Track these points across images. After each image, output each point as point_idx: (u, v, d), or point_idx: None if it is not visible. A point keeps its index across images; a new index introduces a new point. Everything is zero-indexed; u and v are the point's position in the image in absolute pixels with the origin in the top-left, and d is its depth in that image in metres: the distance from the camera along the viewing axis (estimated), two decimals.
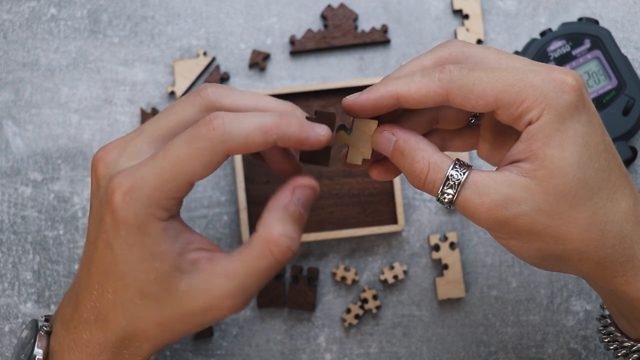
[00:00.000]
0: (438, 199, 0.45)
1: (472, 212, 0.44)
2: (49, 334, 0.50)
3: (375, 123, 0.47)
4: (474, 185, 0.44)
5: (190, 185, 0.45)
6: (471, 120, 0.49)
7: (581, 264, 0.44)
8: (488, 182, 0.44)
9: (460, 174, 0.44)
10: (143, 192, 0.44)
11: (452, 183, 0.44)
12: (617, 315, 0.49)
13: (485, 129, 0.49)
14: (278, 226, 0.45)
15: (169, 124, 0.47)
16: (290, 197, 0.47)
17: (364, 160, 0.49)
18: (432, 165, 0.45)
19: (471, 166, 0.45)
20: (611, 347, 0.51)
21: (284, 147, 0.46)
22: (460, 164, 0.45)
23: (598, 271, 0.45)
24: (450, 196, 0.45)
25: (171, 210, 0.45)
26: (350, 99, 0.46)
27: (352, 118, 0.47)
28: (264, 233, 0.45)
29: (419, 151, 0.45)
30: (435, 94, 0.44)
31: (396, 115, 0.50)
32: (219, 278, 0.45)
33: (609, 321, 0.51)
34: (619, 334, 0.50)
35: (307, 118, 0.47)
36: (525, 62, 0.45)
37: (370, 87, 0.46)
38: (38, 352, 0.49)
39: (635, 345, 0.49)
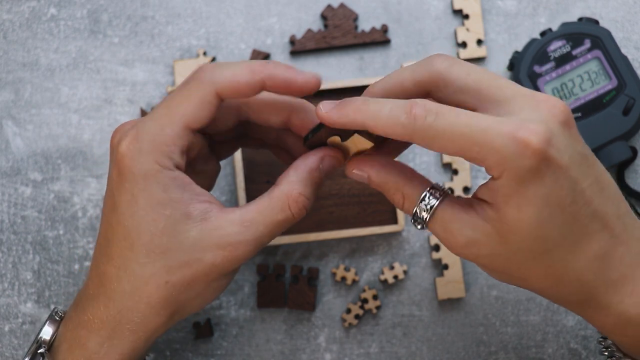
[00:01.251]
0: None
1: (440, 240, 0.46)
2: (62, 318, 0.50)
3: (370, 145, 0.48)
4: (440, 221, 0.46)
5: (190, 132, 0.46)
6: None
7: (545, 298, 0.47)
8: (453, 221, 0.45)
9: (428, 209, 0.46)
10: (145, 140, 0.45)
11: (420, 217, 0.46)
12: None
13: None
14: (300, 186, 0.48)
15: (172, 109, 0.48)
16: (318, 163, 0.49)
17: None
18: (406, 196, 0.47)
19: (446, 194, 0.46)
20: None
21: (274, 90, 0.47)
22: (432, 193, 0.46)
23: (562, 305, 0.47)
24: (420, 226, 0.47)
25: (174, 159, 0.46)
26: (322, 110, 0.46)
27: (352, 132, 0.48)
28: (287, 189, 0.48)
29: (391, 184, 0.47)
30: (401, 134, 0.44)
31: None
32: (234, 225, 0.46)
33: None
34: (619, 352, 0.50)
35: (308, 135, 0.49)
36: (511, 88, 0.44)
37: (345, 101, 0.46)
38: (47, 331, 0.49)
39: None
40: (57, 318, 0.50)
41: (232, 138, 0.54)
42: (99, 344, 0.47)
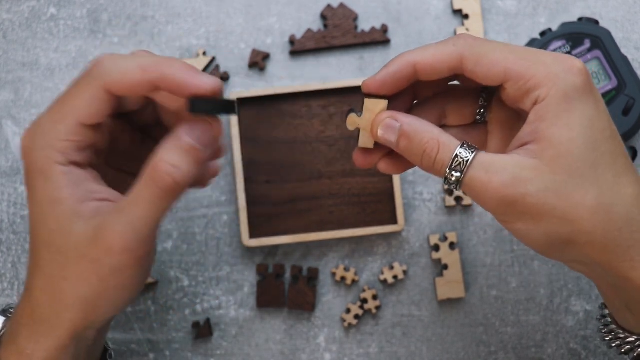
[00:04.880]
0: (446, 179, 0.45)
1: (480, 191, 0.44)
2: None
3: (385, 102, 0.47)
4: (481, 165, 0.44)
5: (84, 127, 0.45)
6: (478, 116, 0.49)
7: (587, 247, 0.44)
8: (496, 161, 0.44)
9: (469, 153, 0.44)
10: (39, 135, 0.45)
11: (460, 161, 0.44)
12: (621, 309, 0.49)
13: (493, 124, 0.49)
14: (163, 153, 0.44)
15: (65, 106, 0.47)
16: (184, 130, 0.45)
17: (375, 147, 0.48)
18: (442, 144, 0.45)
19: (478, 148, 0.45)
20: (613, 345, 0.51)
21: (169, 90, 0.45)
22: (468, 145, 0.45)
23: (604, 255, 0.44)
24: (459, 174, 0.44)
25: (69, 155, 0.45)
26: (369, 79, 0.47)
27: (363, 100, 0.47)
28: (149, 161, 0.44)
29: (427, 132, 0.46)
30: (450, 58, 0.45)
31: (405, 110, 0.50)
32: (112, 214, 0.44)
33: (609, 320, 0.51)
34: (621, 331, 0.50)
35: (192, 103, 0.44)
36: (536, 56, 0.46)
37: (387, 63, 0.47)
38: None
39: (639, 340, 0.49)
40: (9, 315, 0.50)
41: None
42: (26, 338, 0.47)
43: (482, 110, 0.49)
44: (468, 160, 0.44)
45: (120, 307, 0.48)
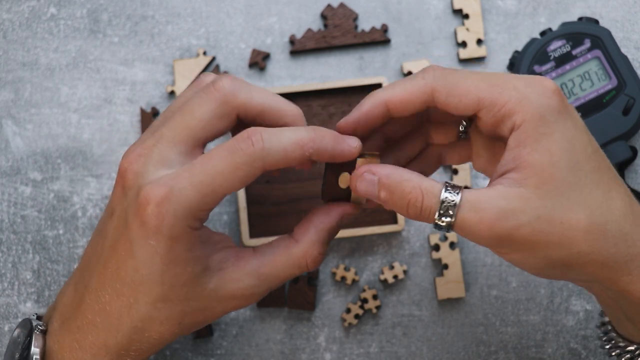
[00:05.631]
0: (436, 225, 0.44)
1: (472, 231, 0.44)
2: (44, 332, 0.49)
3: (376, 160, 0.47)
4: (469, 204, 0.43)
5: (224, 197, 0.45)
6: (460, 135, 0.50)
7: (586, 266, 0.44)
8: (483, 198, 0.43)
9: (455, 195, 0.44)
10: (180, 204, 0.44)
11: (447, 206, 0.44)
12: (622, 319, 0.49)
13: (476, 141, 0.49)
14: (320, 246, 0.49)
15: (188, 125, 0.46)
16: (338, 222, 0.49)
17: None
18: (425, 191, 0.44)
19: (462, 187, 0.44)
20: (613, 354, 0.51)
21: (318, 159, 0.47)
22: (451, 186, 0.44)
23: (604, 272, 0.44)
24: (449, 219, 0.44)
25: (204, 219, 0.45)
26: (342, 121, 0.47)
27: (355, 159, 0.47)
28: (306, 249, 0.48)
29: (407, 182, 0.45)
30: (421, 93, 0.45)
31: (388, 142, 0.51)
32: (250, 278, 0.47)
33: (609, 327, 0.51)
34: (621, 339, 0.50)
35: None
36: (505, 81, 0.45)
37: (359, 104, 0.47)
38: (35, 351, 0.48)
39: (639, 349, 0.49)
40: (38, 332, 0.49)
41: None
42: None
43: (464, 129, 0.50)
44: (455, 203, 0.43)
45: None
